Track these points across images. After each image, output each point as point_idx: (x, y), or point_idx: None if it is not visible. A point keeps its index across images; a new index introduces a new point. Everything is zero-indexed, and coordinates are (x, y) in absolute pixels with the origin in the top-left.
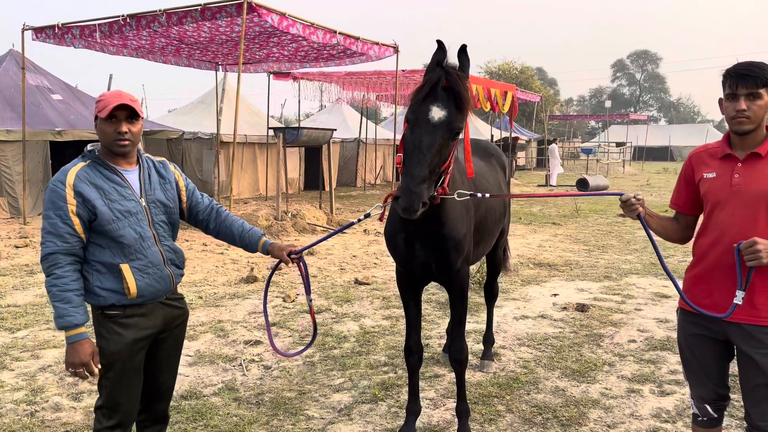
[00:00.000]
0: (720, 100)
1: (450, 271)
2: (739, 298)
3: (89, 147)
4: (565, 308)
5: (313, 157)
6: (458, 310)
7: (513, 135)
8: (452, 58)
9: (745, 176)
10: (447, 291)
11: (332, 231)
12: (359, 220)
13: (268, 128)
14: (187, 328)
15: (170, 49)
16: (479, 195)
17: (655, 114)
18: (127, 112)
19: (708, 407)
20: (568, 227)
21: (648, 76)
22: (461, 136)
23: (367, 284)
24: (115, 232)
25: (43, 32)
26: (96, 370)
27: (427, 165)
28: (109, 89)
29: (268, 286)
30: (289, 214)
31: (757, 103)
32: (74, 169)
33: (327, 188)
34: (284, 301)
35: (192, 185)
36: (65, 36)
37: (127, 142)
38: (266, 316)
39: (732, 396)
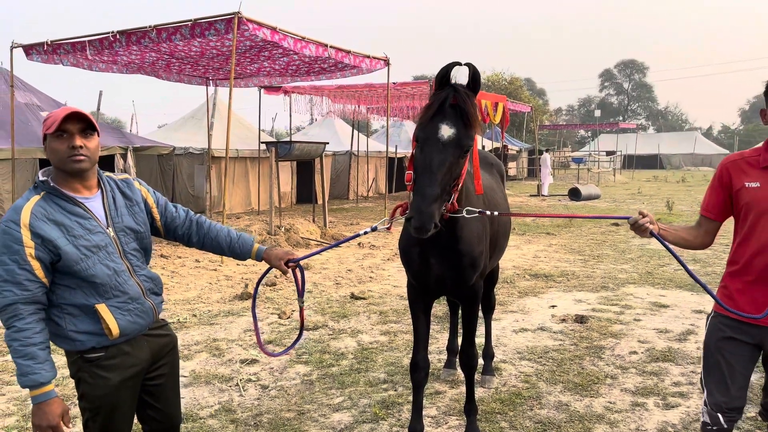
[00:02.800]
0: (762, 111)
1: (464, 287)
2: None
3: (41, 176)
4: (564, 320)
5: (305, 170)
6: (469, 321)
7: (504, 145)
8: (460, 76)
9: None
10: (459, 302)
11: (331, 244)
12: (365, 232)
13: (260, 142)
14: (182, 347)
15: (161, 64)
16: (488, 212)
17: (644, 122)
18: (81, 125)
19: (721, 417)
20: (563, 237)
21: (635, 85)
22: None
23: (364, 299)
24: (85, 272)
25: (33, 49)
26: None
27: (438, 184)
28: (98, 106)
29: (257, 290)
30: (282, 229)
31: None
32: (28, 205)
33: (320, 201)
34: (280, 318)
35: (163, 199)
36: (56, 52)
37: (82, 158)
38: (254, 317)
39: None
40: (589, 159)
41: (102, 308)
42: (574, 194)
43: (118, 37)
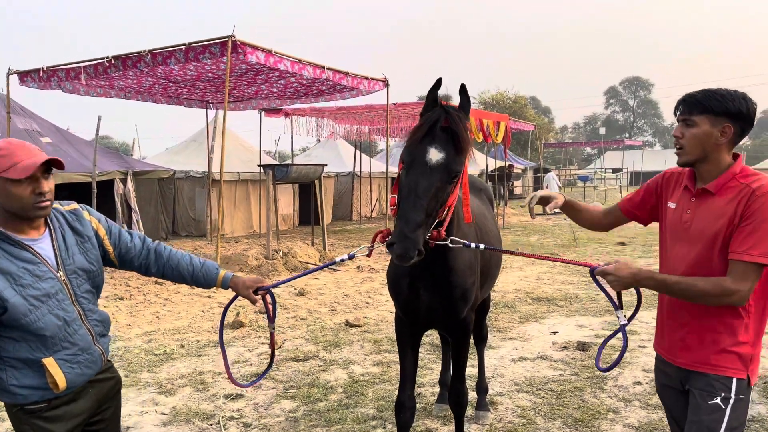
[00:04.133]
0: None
1: (455, 320)
2: (621, 318)
3: None
4: (565, 347)
5: (307, 191)
6: (459, 355)
7: (508, 164)
8: (448, 96)
9: (694, 213)
10: (448, 336)
11: (316, 267)
12: (342, 260)
13: (259, 165)
14: (166, 381)
15: (158, 88)
16: (472, 245)
17: (650, 139)
18: (44, 166)
19: None
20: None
21: (641, 102)
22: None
23: (359, 326)
24: (33, 325)
25: (28, 76)
26: None
27: (423, 209)
28: (98, 132)
29: (223, 319)
30: (280, 253)
31: (691, 132)
32: None
33: (320, 223)
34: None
35: (116, 228)
36: (51, 79)
37: (48, 203)
38: (222, 346)
39: None
40: (595, 176)
41: (49, 362)
42: None
43: (113, 62)
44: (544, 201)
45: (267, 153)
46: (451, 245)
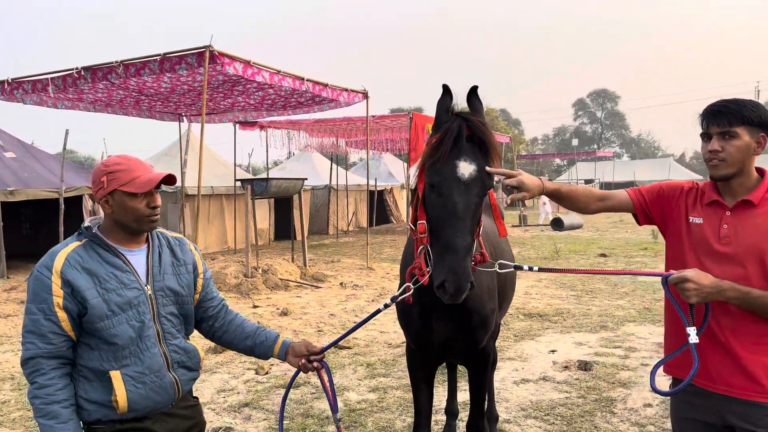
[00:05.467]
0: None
1: (474, 351)
2: (693, 336)
3: (86, 223)
4: (566, 367)
5: (283, 206)
6: (480, 389)
7: None
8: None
9: (735, 227)
10: (466, 368)
11: (352, 327)
12: (384, 307)
13: (236, 180)
14: None
15: (129, 102)
16: (525, 267)
17: (618, 150)
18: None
19: None
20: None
21: (608, 114)
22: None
23: (349, 348)
24: (107, 331)
25: None
26: None
27: (468, 231)
28: (65, 146)
29: (284, 403)
30: (260, 270)
31: (733, 144)
32: (65, 251)
33: (299, 238)
34: (257, 373)
35: (209, 274)
36: (14, 92)
37: (158, 217)
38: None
39: None
40: None
41: (115, 375)
42: (557, 224)
43: (82, 73)
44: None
45: (239, 166)
46: (499, 270)
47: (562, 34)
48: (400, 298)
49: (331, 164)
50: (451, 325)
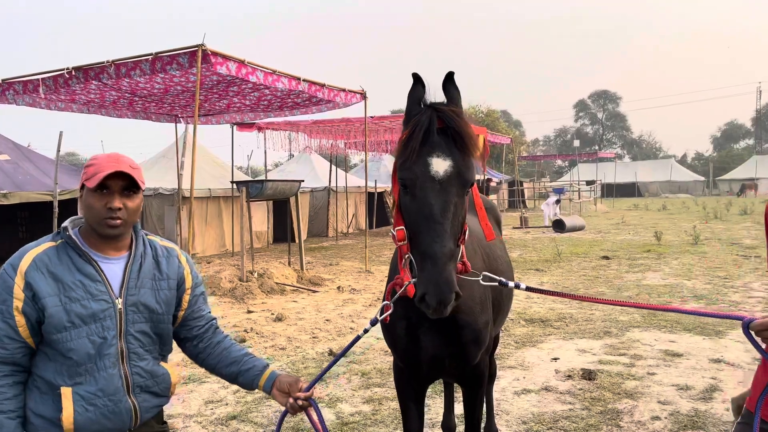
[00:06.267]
0: None
1: (467, 368)
2: None
3: (66, 222)
4: (570, 376)
5: (281, 208)
6: (474, 408)
7: (488, 178)
8: (434, 94)
9: None
10: (459, 385)
11: (335, 357)
12: (366, 331)
13: (232, 182)
14: None
15: (123, 103)
16: (510, 284)
17: (619, 151)
18: (124, 182)
19: None
20: (553, 274)
21: (609, 115)
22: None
23: (343, 356)
24: (63, 344)
25: None
26: None
27: (448, 236)
28: (59, 148)
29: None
30: (255, 274)
31: None
32: (35, 250)
33: (297, 241)
34: None
35: (200, 289)
36: (6, 93)
37: (119, 222)
38: None
39: None
40: (570, 189)
41: (66, 393)
42: (559, 226)
43: (74, 73)
44: None
45: (239, 168)
46: (483, 283)
47: (563, 34)
48: (381, 318)
49: (331, 166)
50: (440, 341)
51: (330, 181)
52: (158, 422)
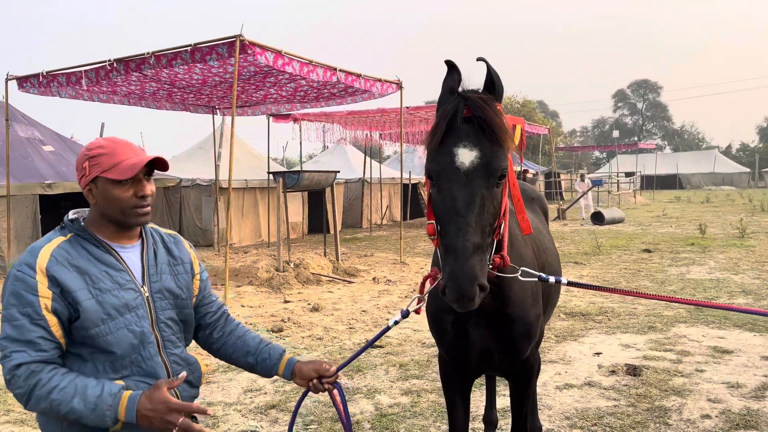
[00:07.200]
0: None
1: (516, 363)
2: None
3: (71, 215)
4: (613, 371)
5: (316, 199)
6: (521, 403)
7: (524, 169)
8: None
9: None
10: (507, 380)
11: (365, 345)
12: (396, 322)
13: (269, 172)
14: None
15: (162, 94)
16: (551, 279)
17: (660, 142)
18: (146, 168)
19: None
20: (593, 267)
21: (649, 105)
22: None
23: (381, 347)
24: (102, 338)
25: (28, 81)
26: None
27: (472, 230)
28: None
29: (293, 423)
30: (292, 264)
31: None
32: (48, 246)
33: (332, 232)
34: None
35: (206, 275)
36: (51, 85)
37: (149, 209)
38: None
39: None
40: (609, 181)
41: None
42: (598, 218)
43: (115, 65)
44: None
45: (274, 160)
46: (521, 278)
47: (602, 22)
48: (412, 310)
49: (365, 157)
50: (489, 335)
51: (364, 173)
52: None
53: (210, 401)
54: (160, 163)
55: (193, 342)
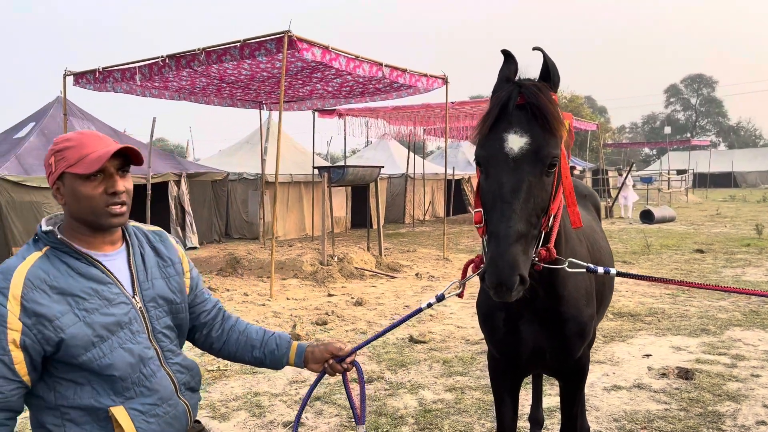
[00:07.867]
0: None
1: (569, 362)
2: None
3: (45, 224)
4: (664, 374)
5: (360, 194)
6: (571, 403)
7: (572, 166)
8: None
9: None
10: (558, 380)
11: (388, 326)
12: (429, 305)
13: (314, 167)
14: (219, 403)
15: (211, 89)
16: (600, 269)
17: (714, 139)
18: (119, 161)
19: None
20: (642, 266)
21: (704, 101)
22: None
23: (424, 342)
24: (97, 362)
25: (84, 77)
26: None
27: (516, 217)
28: (152, 133)
29: (304, 405)
30: (336, 258)
31: None
32: (23, 266)
33: (375, 227)
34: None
35: (196, 272)
36: (106, 80)
37: (124, 208)
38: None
39: None
40: (660, 178)
41: (118, 412)
42: (647, 216)
43: (167, 61)
44: None
45: (318, 154)
46: (569, 269)
47: (653, 13)
48: (448, 295)
49: (409, 152)
50: (542, 334)
51: (407, 168)
52: (195, 421)
53: (257, 392)
54: (133, 156)
55: (189, 343)
